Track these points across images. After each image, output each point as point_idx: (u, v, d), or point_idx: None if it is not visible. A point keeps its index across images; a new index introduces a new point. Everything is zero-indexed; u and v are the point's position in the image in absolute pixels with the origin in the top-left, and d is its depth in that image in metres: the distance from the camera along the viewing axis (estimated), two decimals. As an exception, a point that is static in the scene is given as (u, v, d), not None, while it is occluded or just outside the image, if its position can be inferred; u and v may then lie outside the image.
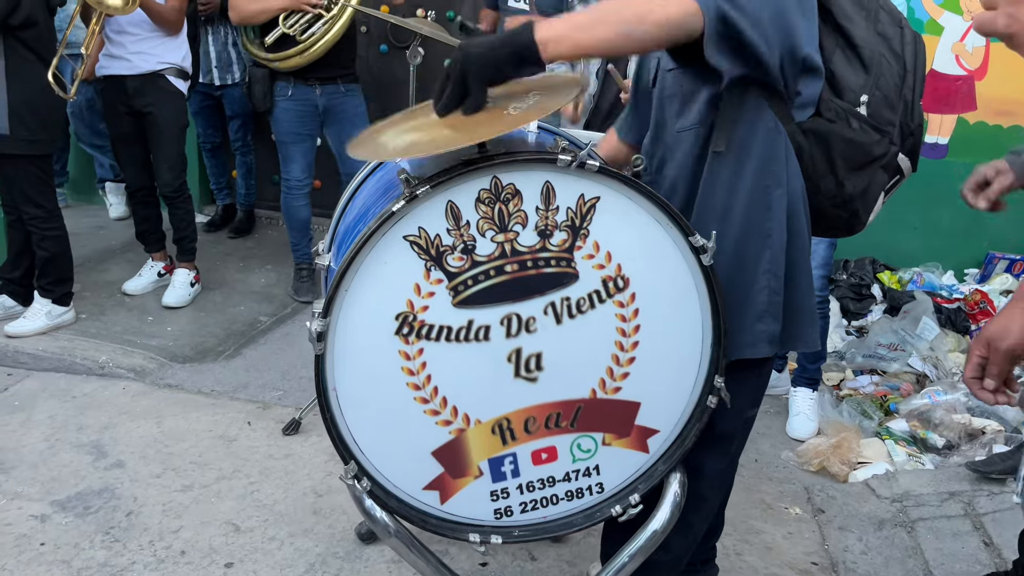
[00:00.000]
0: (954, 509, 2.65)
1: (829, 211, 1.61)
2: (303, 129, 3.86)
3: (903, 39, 1.57)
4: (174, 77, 3.78)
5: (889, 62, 1.54)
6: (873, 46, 1.53)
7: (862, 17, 1.54)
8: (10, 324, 3.54)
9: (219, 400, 3.22)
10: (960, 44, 4.14)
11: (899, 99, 1.56)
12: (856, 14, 1.53)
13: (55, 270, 3.57)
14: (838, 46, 1.53)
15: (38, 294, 3.59)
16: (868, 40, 1.53)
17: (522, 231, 1.42)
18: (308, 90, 3.77)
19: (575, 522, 1.65)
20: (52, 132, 3.48)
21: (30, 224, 3.47)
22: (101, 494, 2.60)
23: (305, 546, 2.40)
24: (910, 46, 1.57)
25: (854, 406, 3.22)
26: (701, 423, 1.60)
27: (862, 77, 1.53)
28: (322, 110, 3.82)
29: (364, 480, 1.49)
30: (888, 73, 1.54)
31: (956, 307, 3.90)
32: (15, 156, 3.35)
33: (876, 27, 1.55)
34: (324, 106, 3.81)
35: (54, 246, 3.52)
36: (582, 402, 1.54)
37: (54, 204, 3.54)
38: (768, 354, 1.61)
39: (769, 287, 1.57)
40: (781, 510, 2.70)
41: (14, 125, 3.29)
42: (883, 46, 1.54)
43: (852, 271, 4.23)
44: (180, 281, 4.02)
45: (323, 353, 1.40)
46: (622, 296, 1.49)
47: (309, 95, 3.78)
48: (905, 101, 1.57)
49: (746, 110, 1.50)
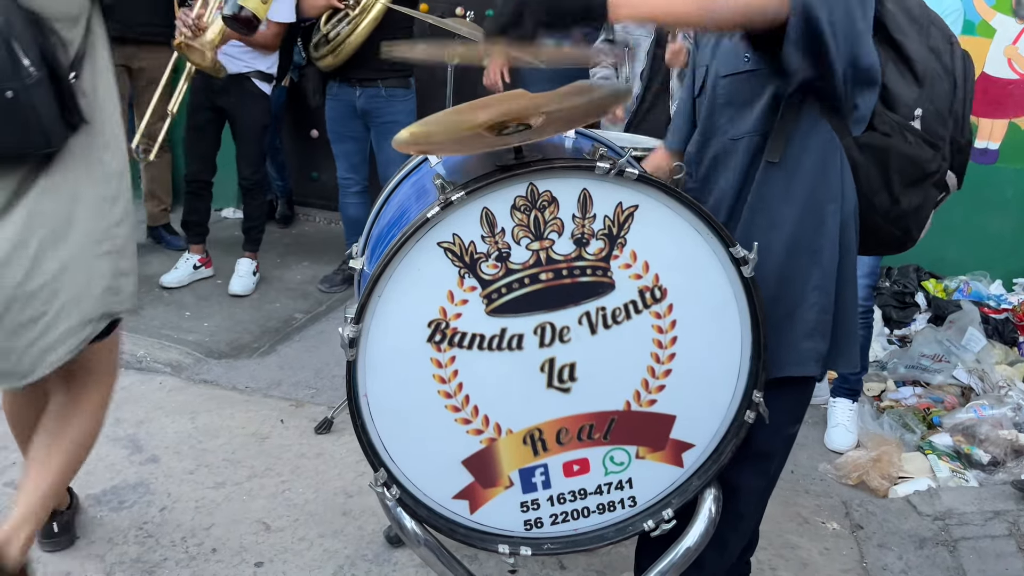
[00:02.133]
0: (998, 529, 2.57)
1: (883, 228, 1.58)
2: (343, 129, 3.88)
3: (953, 54, 1.55)
4: (258, 80, 3.85)
5: (941, 77, 1.52)
6: (926, 61, 1.50)
7: (915, 31, 1.51)
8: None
9: (253, 397, 3.24)
10: (1013, 47, 4.02)
11: (950, 115, 1.53)
12: (909, 28, 1.51)
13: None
14: (891, 59, 1.50)
15: None
16: (921, 54, 1.50)
17: (558, 239, 1.39)
18: (350, 90, 3.78)
19: (606, 536, 1.62)
20: None
21: None
22: (136, 489, 2.63)
23: (334, 547, 2.40)
24: (960, 61, 1.55)
25: (895, 418, 3.14)
26: (738, 439, 1.57)
27: (915, 91, 1.50)
28: (360, 112, 3.81)
29: (394, 488, 1.48)
30: (940, 88, 1.52)
31: (1004, 318, 3.78)
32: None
33: (928, 41, 1.52)
34: (362, 108, 3.80)
35: None
36: (616, 414, 1.51)
37: None
38: (815, 373, 1.57)
39: (819, 304, 1.53)
40: (818, 524, 2.64)
41: None
42: (935, 61, 1.52)
43: (896, 278, 4.13)
44: (245, 270, 4.13)
45: (355, 359, 1.38)
46: (659, 307, 1.46)
47: (350, 95, 3.79)
48: (956, 117, 1.54)
49: (802, 122, 1.48)
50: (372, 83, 3.75)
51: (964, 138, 1.59)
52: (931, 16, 1.56)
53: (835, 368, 1.63)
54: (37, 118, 1.57)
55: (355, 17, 3.52)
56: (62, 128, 1.61)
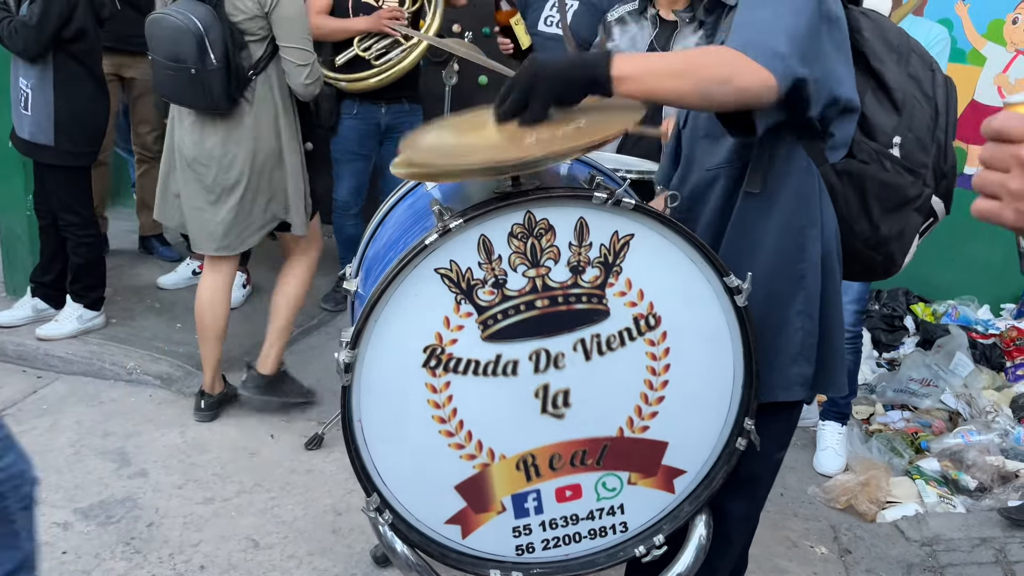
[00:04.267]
0: (985, 556, 2.58)
1: (864, 253, 1.58)
2: (361, 149, 3.86)
3: (934, 82, 1.55)
4: None
5: (921, 104, 1.52)
6: (905, 88, 1.51)
7: (893, 60, 1.52)
8: (42, 327, 3.59)
9: (243, 411, 3.23)
10: (1003, 75, 4.07)
11: (932, 141, 1.53)
12: (887, 56, 1.51)
13: (88, 275, 3.62)
14: (869, 88, 1.51)
15: (70, 298, 3.64)
16: (900, 82, 1.51)
17: (554, 266, 1.40)
18: (375, 108, 3.77)
19: (597, 561, 1.62)
20: (95, 144, 3.56)
21: (66, 231, 3.53)
22: (124, 503, 2.61)
23: (323, 566, 2.39)
24: (941, 88, 1.55)
25: (884, 442, 3.16)
26: (729, 465, 1.57)
27: (894, 119, 1.50)
28: (384, 128, 3.81)
29: (386, 512, 1.48)
30: (920, 115, 1.52)
31: (991, 343, 3.81)
32: (57, 167, 3.42)
33: (907, 69, 1.53)
34: (387, 124, 3.80)
35: (89, 252, 3.58)
36: (609, 440, 1.52)
37: (90, 212, 3.60)
38: (801, 397, 1.58)
39: (804, 329, 1.54)
40: (807, 548, 2.65)
41: (59, 138, 3.36)
42: (915, 88, 1.52)
43: (885, 302, 4.16)
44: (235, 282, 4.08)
45: (350, 384, 1.39)
46: (653, 335, 1.47)
47: (375, 114, 3.78)
48: (938, 143, 1.54)
49: (779, 150, 1.48)
50: (398, 100, 3.77)
51: (948, 164, 1.58)
52: (911, 44, 1.57)
53: (822, 392, 1.63)
54: (209, 91, 2.74)
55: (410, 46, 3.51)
56: (226, 103, 2.79)
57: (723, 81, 1.29)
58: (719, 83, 1.29)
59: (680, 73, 1.31)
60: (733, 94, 1.30)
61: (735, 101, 1.32)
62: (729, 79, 1.29)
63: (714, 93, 1.30)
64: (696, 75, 1.30)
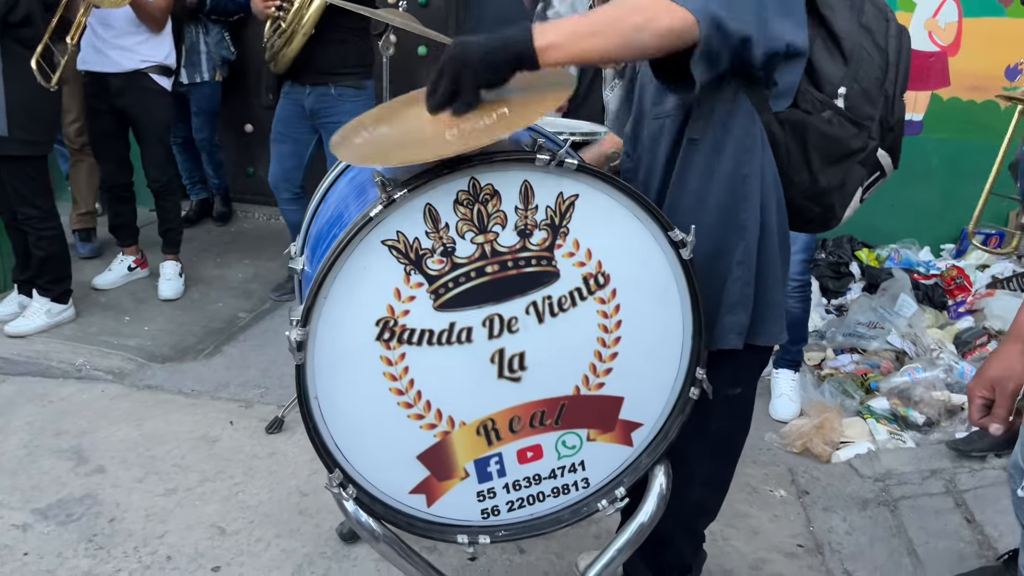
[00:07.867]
0: (936, 487, 2.68)
1: (802, 204, 1.58)
2: (287, 129, 3.71)
3: (888, 32, 1.53)
4: (157, 75, 3.75)
5: (871, 55, 1.50)
6: (855, 38, 1.49)
7: (846, 7, 1.50)
8: (10, 324, 3.52)
9: (200, 400, 3.19)
10: (933, 20, 4.15)
11: (880, 93, 1.52)
12: (840, 4, 1.50)
13: (52, 269, 3.55)
14: (819, 36, 1.49)
15: (36, 293, 3.56)
16: (850, 31, 1.49)
17: (502, 231, 1.40)
18: (300, 90, 3.63)
19: (562, 518, 1.65)
20: (50, 133, 3.45)
21: (25, 224, 3.44)
22: (83, 501, 2.57)
23: (292, 547, 2.39)
24: (894, 39, 1.53)
25: (835, 386, 3.24)
26: (684, 415, 1.61)
27: (841, 69, 1.49)
28: (309, 111, 3.65)
29: (350, 487, 1.48)
30: (869, 66, 1.50)
31: (933, 283, 3.93)
32: (11, 157, 3.30)
33: (860, 19, 1.50)
34: (311, 107, 3.64)
35: (51, 245, 3.50)
36: (566, 399, 1.54)
37: (50, 203, 3.51)
38: (736, 346, 1.58)
39: (742, 279, 1.54)
40: (766, 493, 2.72)
41: (12, 127, 3.23)
42: (865, 38, 1.50)
43: (831, 249, 4.25)
44: (171, 273, 4.03)
45: (303, 362, 1.38)
46: (603, 292, 1.48)
47: (300, 95, 3.64)
48: (886, 95, 1.53)
49: (723, 97, 1.47)
50: (322, 83, 3.60)
51: (895, 117, 1.57)
52: None
53: (757, 342, 1.61)
54: None
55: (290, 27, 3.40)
56: None
57: (640, 28, 1.29)
58: (637, 30, 1.29)
59: (599, 30, 1.31)
60: (655, 39, 1.29)
61: (658, 45, 1.31)
62: (645, 25, 1.29)
63: (636, 41, 1.30)
64: (614, 27, 1.30)
